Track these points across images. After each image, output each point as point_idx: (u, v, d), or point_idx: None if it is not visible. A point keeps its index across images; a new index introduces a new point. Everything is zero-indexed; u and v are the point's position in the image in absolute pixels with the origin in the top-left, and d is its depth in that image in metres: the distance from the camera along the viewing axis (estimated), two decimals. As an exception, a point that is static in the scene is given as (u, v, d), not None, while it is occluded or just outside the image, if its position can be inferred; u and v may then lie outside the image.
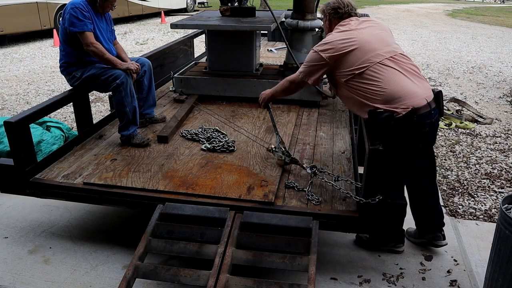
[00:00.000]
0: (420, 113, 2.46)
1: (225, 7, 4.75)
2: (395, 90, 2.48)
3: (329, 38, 2.67)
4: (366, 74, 2.53)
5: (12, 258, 2.98)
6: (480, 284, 2.77)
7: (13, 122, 2.80)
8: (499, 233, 2.41)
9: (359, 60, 2.54)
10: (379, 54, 2.55)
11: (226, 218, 2.54)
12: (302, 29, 4.34)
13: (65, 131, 4.47)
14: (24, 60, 9.81)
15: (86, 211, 3.54)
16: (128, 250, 3.02)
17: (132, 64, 3.50)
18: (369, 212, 2.50)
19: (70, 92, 3.47)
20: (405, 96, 2.48)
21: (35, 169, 3.01)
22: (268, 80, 4.39)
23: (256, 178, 2.92)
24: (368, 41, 2.58)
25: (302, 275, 2.77)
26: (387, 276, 2.84)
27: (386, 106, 2.49)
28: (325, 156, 3.31)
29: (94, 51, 3.27)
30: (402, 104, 2.47)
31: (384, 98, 2.50)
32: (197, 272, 2.29)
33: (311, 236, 2.42)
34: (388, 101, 2.49)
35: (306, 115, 4.19)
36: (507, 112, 6.49)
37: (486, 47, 12.31)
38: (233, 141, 3.47)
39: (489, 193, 4.01)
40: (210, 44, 4.60)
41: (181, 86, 4.51)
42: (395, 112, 2.46)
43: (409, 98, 2.47)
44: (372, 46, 2.57)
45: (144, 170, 3.04)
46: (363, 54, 2.55)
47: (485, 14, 23.63)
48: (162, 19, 17.32)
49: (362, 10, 21.71)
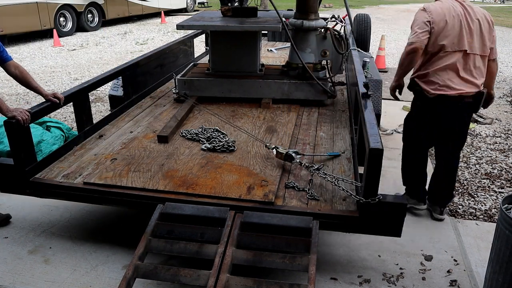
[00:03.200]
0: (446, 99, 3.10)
1: (226, 7, 4.74)
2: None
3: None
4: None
5: (12, 258, 2.98)
6: (480, 284, 2.77)
7: (13, 122, 2.80)
8: (499, 233, 2.41)
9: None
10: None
11: (226, 218, 2.54)
12: (307, 29, 4.34)
13: (65, 131, 4.47)
14: (24, 60, 9.81)
15: (86, 211, 3.54)
16: (128, 250, 3.02)
17: (22, 112, 2.87)
18: (369, 212, 2.50)
19: (70, 92, 3.47)
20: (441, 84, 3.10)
21: (35, 169, 3.01)
22: (274, 80, 4.39)
23: (256, 178, 2.92)
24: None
25: (302, 275, 2.77)
26: (387, 276, 2.84)
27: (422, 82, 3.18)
28: (325, 156, 3.31)
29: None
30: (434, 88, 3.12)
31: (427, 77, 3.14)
32: (197, 272, 2.29)
33: (311, 236, 2.42)
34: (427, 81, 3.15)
35: (306, 115, 4.19)
36: (507, 112, 6.50)
37: (486, 47, 12.30)
38: (233, 141, 3.47)
39: (489, 193, 4.01)
40: (213, 45, 4.58)
41: (185, 88, 4.46)
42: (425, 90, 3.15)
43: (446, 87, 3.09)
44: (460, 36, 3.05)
45: (144, 170, 3.04)
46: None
47: (485, 14, 23.58)
48: (162, 19, 17.32)
49: (362, 10, 21.72)
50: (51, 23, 12.58)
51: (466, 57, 3.05)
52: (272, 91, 4.39)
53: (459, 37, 3.00)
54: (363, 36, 6.15)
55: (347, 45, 4.36)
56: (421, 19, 3.04)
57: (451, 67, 3.05)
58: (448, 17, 2.99)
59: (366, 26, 6.20)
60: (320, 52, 4.43)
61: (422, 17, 3.04)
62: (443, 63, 3.05)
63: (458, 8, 3.02)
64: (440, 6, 3.04)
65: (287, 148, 3.24)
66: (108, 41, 12.65)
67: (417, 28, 3.04)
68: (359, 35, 6.12)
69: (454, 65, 3.04)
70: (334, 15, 6.46)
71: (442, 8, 3.02)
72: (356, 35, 6.11)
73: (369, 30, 6.27)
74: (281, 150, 3.08)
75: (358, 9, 21.81)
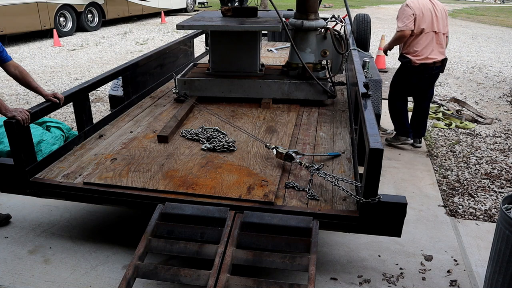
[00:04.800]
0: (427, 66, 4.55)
1: (226, 7, 4.74)
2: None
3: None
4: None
5: (12, 258, 2.98)
6: (480, 284, 2.77)
7: (13, 122, 2.80)
8: (499, 233, 2.41)
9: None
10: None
11: (226, 218, 2.54)
12: (307, 29, 4.34)
13: (65, 131, 4.47)
14: (24, 60, 9.81)
15: (86, 211, 3.54)
16: (128, 250, 3.02)
17: (21, 112, 2.86)
18: (369, 211, 2.50)
19: (70, 92, 3.46)
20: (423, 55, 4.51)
21: (35, 169, 3.02)
22: (274, 80, 4.39)
23: (256, 178, 2.92)
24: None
25: (302, 275, 2.77)
26: (387, 276, 2.84)
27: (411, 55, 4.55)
28: (325, 156, 3.31)
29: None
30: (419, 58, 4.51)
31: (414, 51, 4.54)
32: (197, 272, 2.29)
33: (311, 236, 2.42)
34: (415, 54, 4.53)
35: (306, 115, 4.19)
36: (507, 112, 6.49)
37: (486, 47, 12.32)
38: (233, 141, 3.47)
39: (489, 193, 4.01)
40: (213, 45, 4.58)
41: (185, 88, 4.47)
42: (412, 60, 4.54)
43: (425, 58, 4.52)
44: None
45: (144, 170, 3.04)
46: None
47: (485, 14, 23.63)
48: (162, 19, 17.33)
49: (362, 10, 21.72)
50: (51, 23, 12.58)
51: (437, 36, 4.50)
52: (272, 91, 4.39)
53: (432, 23, 4.44)
54: (363, 36, 6.15)
55: (347, 45, 4.36)
56: (408, 13, 4.43)
57: (429, 43, 4.48)
58: (424, 9, 4.42)
59: (366, 26, 6.20)
60: (320, 52, 4.43)
61: (408, 11, 4.44)
62: (424, 42, 4.47)
63: (428, 3, 4.47)
64: (418, 2, 4.44)
65: (287, 148, 3.24)
66: (108, 41, 12.65)
67: (405, 19, 4.44)
68: (359, 35, 6.12)
69: (430, 42, 4.48)
70: (334, 15, 6.46)
71: (419, 3, 4.44)
72: (356, 35, 6.10)
73: (369, 30, 6.26)
74: (281, 150, 3.09)
75: (358, 9, 21.82)
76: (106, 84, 4.17)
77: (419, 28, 4.42)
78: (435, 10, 4.45)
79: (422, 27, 4.41)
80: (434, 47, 4.48)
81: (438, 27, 4.47)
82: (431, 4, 4.48)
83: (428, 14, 4.41)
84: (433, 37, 4.46)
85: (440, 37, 4.50)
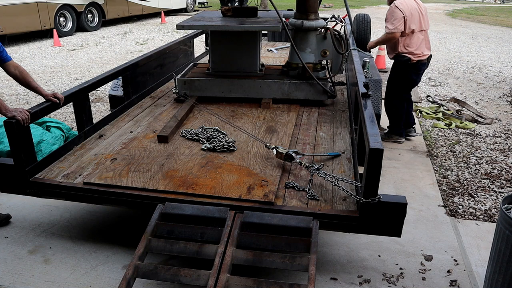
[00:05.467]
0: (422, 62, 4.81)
1: (226, 7, 4.74)
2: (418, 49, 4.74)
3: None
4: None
5: (12, 258, 2.98)
6: (480, 284, 2.77)
7: (13, 122, 2.80)
8: (499, 233, 2.41)
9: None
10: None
11: (226, 218, 2.54)
12: (307, 29, 4.34)
13: (65, 131, 4.47)
14: (24, 60, 9.81)
15: (86, 211, 3.54)
16: (128, 250, 3.02)
17: (21, 112, 2.85)
18: (369, 211, 2.50)
19: (70, 92, 3.47)
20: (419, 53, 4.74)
21: (35, 169, 3.01)
22: (274, 80, 4.39)
23: (256, 178, 2.92)
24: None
25: (302, 275, 2.77)
26: (387, 276, 2.84)
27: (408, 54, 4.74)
28: (325, 156, 3.30)
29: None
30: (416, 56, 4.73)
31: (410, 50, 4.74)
32: (197, 272, 2.29)
33: (311, 236, 2.42)
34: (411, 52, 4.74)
35: (306, 115, 4.19)
36: (507, 112, 6.49)
37: (486, 47, 12.31)
38: (233, 141, 3.47)
39: (489, 193, 4.01)
40: (213, 45, 4.58)
41: (185, 88, 4.46)
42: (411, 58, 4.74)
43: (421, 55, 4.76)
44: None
45: (144, 170, 3.04)
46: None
47: (485, 14, 23.63)
48: (162, 19, 17.33)
49: (362, 10, 21.72)
50: (51, 23, 12.58)
51: (425, 33, 4.78)
52: (272, 91, 4.39)
53: (420, 22, 4.68)
54: (363, 36, 6.14)
55: (347, 45, 4.36)
56: (398, 15, 4.56)
57: (421, 41, 4.72)
58: (412, 10, 4.61)
59: (366, 26, 6.19)
60: (320, 52, 4.43)
61: (398, 13, 4.57)
62: (417, 40, 4.69)
63: (414, 4, 4.67)
64: (406, 4, 4.61)
65: (287, 148, 3.25)
66: (108, 41, 12.65)
67: (395, 21, 4.57)
68: (359, 35, 6.11)
69: (422, 40, 4.74)
70: (334, 15, 6.46)
71: (407, 4, 4.61)
72: (356, 35, 6.10)
73: (369, 30, 6.26)
74: (281, 150, 3.09)
75: (358, 9, 21.82)
76: (106, 84, 4.17)
77: (410, 28, 4.61)
78: (420, 9, 4.69)
79: (412, 28, 4.61)
80: (425, 43, 4.78)
81: (425, 25, 4.75)
82: (416, 4, 4.70)
83: (416, 14, 4.62)
84: (423, 35, 4.77)
85: (427, 34, 4.84)
